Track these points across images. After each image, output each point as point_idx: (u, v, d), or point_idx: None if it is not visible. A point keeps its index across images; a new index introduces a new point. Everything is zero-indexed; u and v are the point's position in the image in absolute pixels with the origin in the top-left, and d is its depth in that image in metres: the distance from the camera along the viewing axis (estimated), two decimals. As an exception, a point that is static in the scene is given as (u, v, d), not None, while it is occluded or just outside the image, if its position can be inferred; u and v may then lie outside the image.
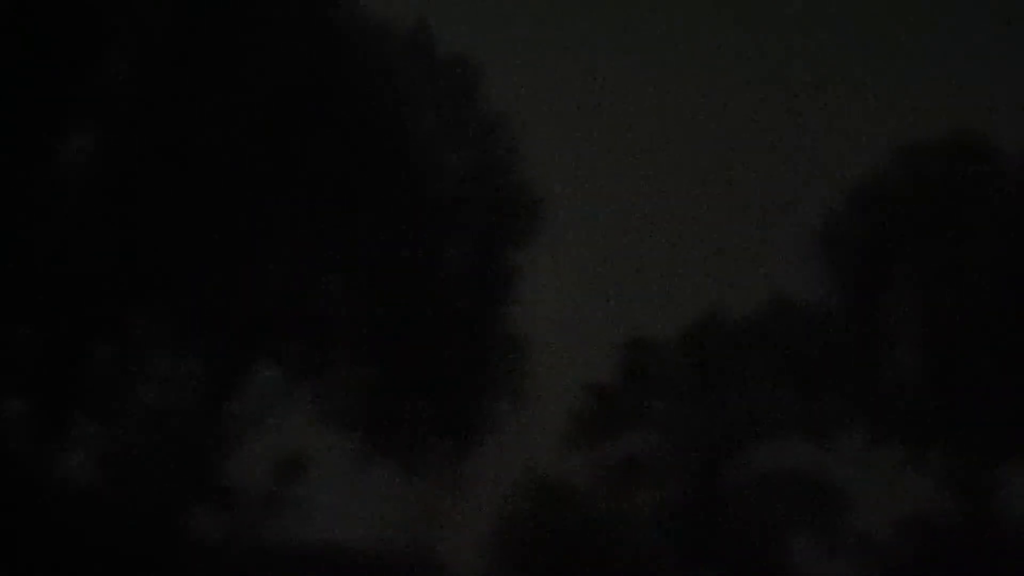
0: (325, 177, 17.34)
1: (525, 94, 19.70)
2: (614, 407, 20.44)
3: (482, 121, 18.72)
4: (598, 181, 21.45)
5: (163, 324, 17.75)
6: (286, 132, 17.05)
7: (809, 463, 19.76)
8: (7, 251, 16.03)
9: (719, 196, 21.90)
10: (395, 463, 17.71)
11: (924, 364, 19.30)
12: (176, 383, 17.60)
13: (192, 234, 16.78)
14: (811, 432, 19.57)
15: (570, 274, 20.22)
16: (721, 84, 22.13)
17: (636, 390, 20.53)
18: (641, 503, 20.10)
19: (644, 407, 20.46)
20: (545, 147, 19.53)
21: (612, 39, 21.81)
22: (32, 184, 16.33)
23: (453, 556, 19.74)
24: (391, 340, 17.52)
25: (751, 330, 20.27)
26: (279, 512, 17.84)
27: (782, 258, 20.48)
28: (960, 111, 21.08)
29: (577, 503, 19.62)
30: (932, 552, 18.28)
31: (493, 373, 18.14)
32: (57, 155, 16.96)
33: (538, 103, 19.93)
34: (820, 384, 19.56)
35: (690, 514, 19.71)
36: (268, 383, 17.89)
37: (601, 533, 19.62)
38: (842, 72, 22.89)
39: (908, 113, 22.15)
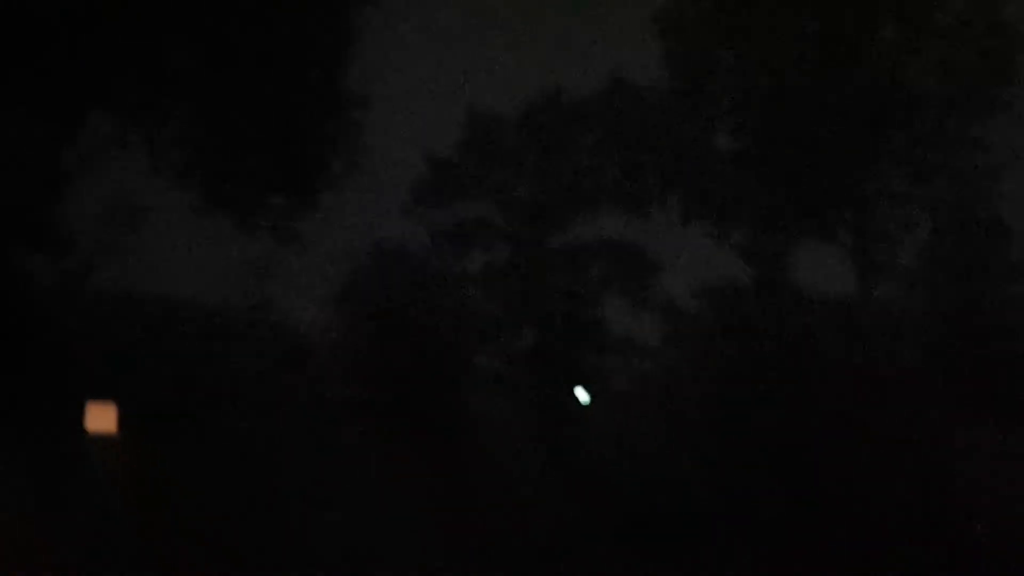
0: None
1: None
2: (451, 176, 20.49)
3: None
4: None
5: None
6: None
7: (627, 233, 20.60)
8: None
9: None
10: (231, 216, 17.26)
11: (737, 145, 20.10)
12: (11, 130, 16.31)
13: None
14: (631, 205, 20.34)
15: (412, 41, 19.60)
16: None
17: (474, 160, 20.63)
18: (473, 266, 20.65)
19: (481, 177, 20.62)
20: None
21: None
22: None
23: (289, 312, 19.80)
24: (230, 92, 16.63)
25: (586, 108, 20.48)
26: (114, 261, 17.26)
27: (620, 40, 20.49)
28: None
29: (413, 265, 19.89)
30: (729, 315, 19.62)
31: (332, 132, 17.68)
32: None
33: None
34: (642, 160, 20.13)
35: (518, 275, 20.36)
36: (104, 131, 16.85)
37: (434, 293, 20.06)
38: None
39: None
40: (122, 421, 16.49)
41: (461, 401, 19.13)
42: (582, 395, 20.08)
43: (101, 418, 16.48)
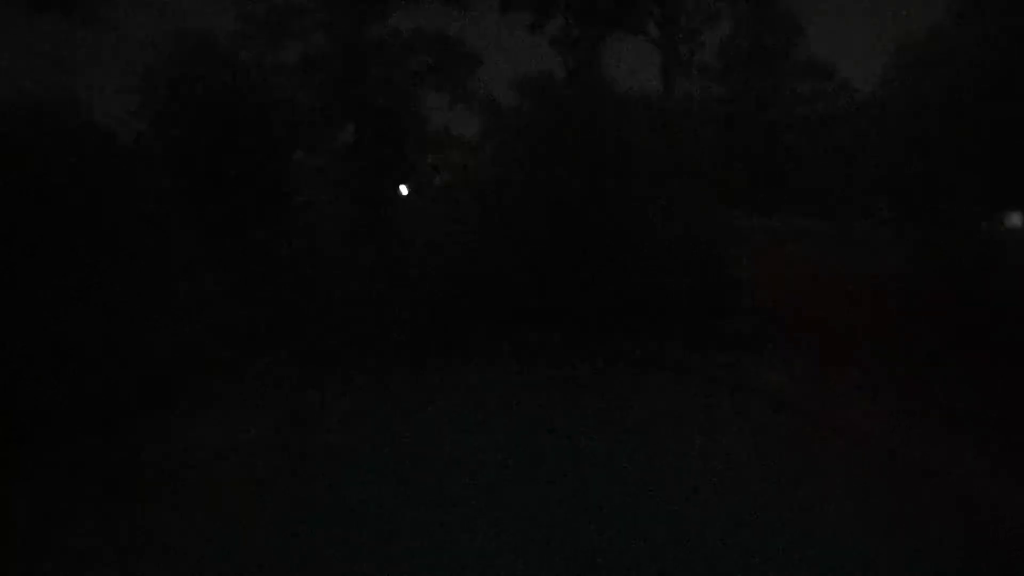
0: None
1: None
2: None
3: None
4: None
5: None
6: None
7: (446, 24, 20.13)
8: None
9: None
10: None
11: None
12: None
13: None
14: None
15: None
16: None
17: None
18: (288, 56, 19.69)
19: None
20: None
21: None
22: None
23: (91, 104, 18.34)
24: None
25: None
26: None
27: None
28: None
29: (223, 54, 18.69)
30: (542, 105, 19.75)
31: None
32: None
33: None
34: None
35: (335, 67, 19.60)
36: None
37: (247, 85, 19.03)
38: None
39: None
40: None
41: (280, 193, 18.64)
42: (401, 188, 20.10)
43: None
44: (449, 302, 18.38)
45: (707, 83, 21.88)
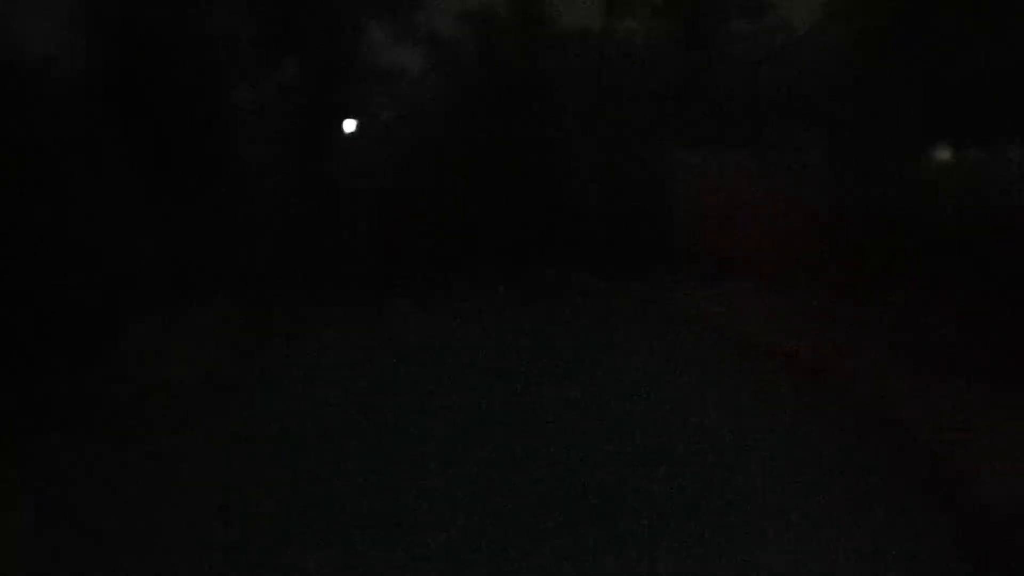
0: None
1: None
2: None
3: None
4: None
5: None
6: None
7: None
8: None
9: None
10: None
11: None
12: None
13: None
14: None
15: None
16: None
17: None
18: None
19: None
20: None
21: None
22: None
23: (18, 43, 17.27)
24: None
25: None
26: None
27: None
28: None
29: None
30: (488, 46, 19.58)
31: None
32: None
33: None
34: None
35: (274, 2, 18.89)
36: None
37: (184, 19, 18.13)
38: None
39: None
40: None
41: (221, 135, 18.00)
42: (347, 125, 19.66)
43: None
44: (389, 235, 18.44)
45: (648, 20, 21.77)
